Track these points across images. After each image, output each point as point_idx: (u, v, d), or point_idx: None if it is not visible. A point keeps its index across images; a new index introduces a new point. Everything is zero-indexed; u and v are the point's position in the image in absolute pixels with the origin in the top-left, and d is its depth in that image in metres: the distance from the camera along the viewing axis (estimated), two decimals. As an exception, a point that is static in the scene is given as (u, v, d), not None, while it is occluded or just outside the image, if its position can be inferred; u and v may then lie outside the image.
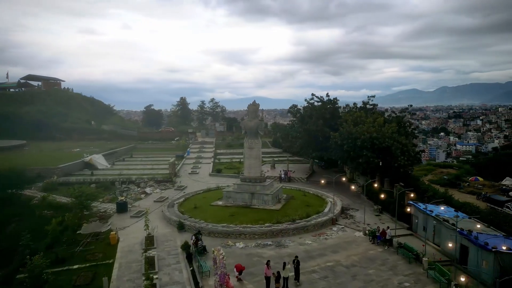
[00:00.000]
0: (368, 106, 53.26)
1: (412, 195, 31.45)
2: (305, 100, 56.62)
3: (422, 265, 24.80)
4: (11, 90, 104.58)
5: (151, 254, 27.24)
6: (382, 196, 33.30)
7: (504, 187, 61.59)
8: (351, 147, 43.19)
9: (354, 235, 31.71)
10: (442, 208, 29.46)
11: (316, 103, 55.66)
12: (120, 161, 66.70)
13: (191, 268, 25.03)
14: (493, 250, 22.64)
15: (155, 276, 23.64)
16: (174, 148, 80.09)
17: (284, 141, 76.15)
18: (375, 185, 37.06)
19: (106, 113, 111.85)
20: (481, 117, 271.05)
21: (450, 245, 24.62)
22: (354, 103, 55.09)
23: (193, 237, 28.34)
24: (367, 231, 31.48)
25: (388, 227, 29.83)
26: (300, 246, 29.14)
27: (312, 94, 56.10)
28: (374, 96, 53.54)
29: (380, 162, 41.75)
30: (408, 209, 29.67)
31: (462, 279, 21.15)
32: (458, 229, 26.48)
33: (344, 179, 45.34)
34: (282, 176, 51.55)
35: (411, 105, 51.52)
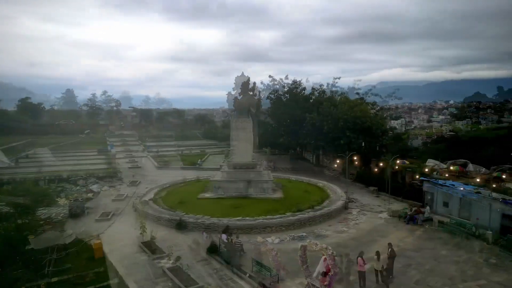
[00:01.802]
0: (333, 88, 51.39)
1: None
2: (260, 82, 51.99)
3: (487, 239, 23.03)
4: None
5: (170, 264, 19.75)
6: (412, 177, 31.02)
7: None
8: (331, 128, 40.59)
9: (379, 217, 28.87)
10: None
11: (280, 88, 51.07)
12: (24, 158, 52.11)
13: (248, 275, 18.55)
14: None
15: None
16: (87, 142, 66.79)
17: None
18: (381, 164, 34.96)
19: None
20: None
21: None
22: (320, 85, 52.60)
23: (223, 235, 21.65)
24: (391, 212, 29.02)
25: (427, 204, 27.81)
26: (340, 234, 24.92)
27: (270, 76, 51.96)
28: (339, 78, 52.01)
29: (363, 143, 40.16)
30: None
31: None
32: (501, 199, 25.76)
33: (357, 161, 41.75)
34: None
35: (374, 86, 51.29)
